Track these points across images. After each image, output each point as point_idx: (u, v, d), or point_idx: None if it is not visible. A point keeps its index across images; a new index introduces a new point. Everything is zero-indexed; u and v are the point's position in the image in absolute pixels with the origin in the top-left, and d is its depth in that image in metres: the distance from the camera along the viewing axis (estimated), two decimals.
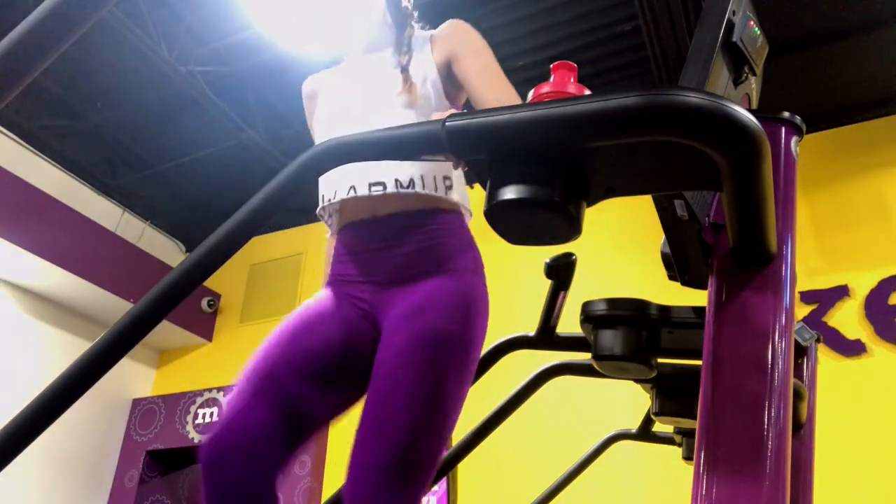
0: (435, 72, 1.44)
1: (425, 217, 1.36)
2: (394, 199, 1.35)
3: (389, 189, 1.33)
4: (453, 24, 1.50)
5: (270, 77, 4.36)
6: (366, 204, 1.37)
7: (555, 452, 3.33)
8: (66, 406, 0.65)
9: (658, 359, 1.22)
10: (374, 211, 1.38)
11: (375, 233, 1.37)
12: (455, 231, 1.38)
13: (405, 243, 1.34)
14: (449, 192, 1.38)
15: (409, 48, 1.47)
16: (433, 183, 1.36)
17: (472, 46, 1.44)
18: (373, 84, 1.46)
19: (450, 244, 1.35)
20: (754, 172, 0.64)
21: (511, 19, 3.71)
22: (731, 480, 0.68)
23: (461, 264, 1.34)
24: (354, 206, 1.39)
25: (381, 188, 1.33)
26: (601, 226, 3.72)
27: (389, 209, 1.37)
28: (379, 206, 1.37)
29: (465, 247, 1.37)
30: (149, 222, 5.46)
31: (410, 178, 1.33)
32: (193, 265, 0.67)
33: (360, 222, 1.39)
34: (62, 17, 0.58)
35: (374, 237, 1.37)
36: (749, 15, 0.94)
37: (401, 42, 1.48)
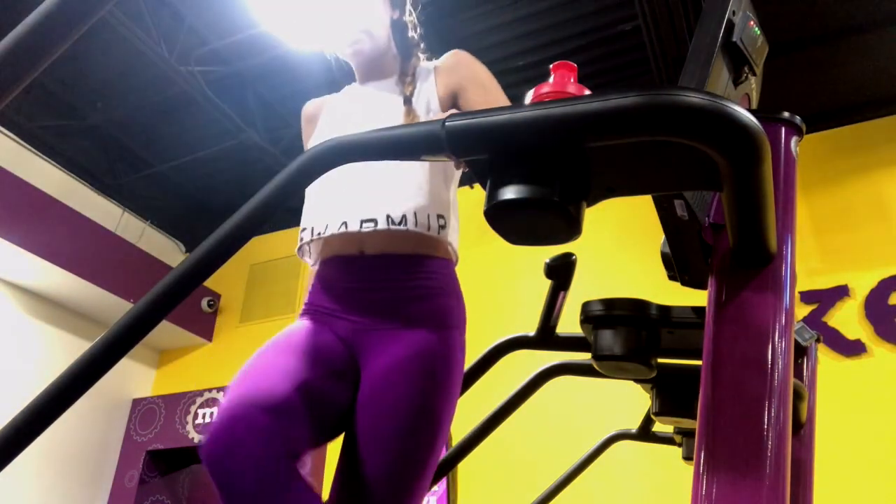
0: (437, 104, 1.42)
1: (415, 263, 1.33)
2: (384, 237, 1.32)
3: (381, 226, 1.29)
4: (457, 57, 1.48)
5: (270, 77, 4.37)
6: (354, 238, 1.34)
7: (555, 452, 3.34)
8: (66, 406, 0.65)
9: (658, 359, 1.22)
10: (361, 247, 1.34)
11: (361, 271, 1.34)
12: (444, 282, 1.35)
13: (391, 289, 1.32)
14: (442, 232, 1.34)
15: (413, 79, 1.46)
16: (426, 221, 1.32)
17: (478, 80, 1.44)
18: (375, 113, 1.44)
19: (437, 297, 1.33)
20: (754, 172, 0.64)
21: (511, 19, 3.71)
22: (731, 480, 0.68)
23: (447, 321, 1.32)
24: (342, 241, 1.36)
25: (373, 225, 1.30)
26: (601, 226, 3.72)
27: (378, 248, 1.33)
28: (367, 243, 1.34)
29: (453, 301, 1.35)
30: (149, 222, 5.46)
31: (403, 215, 1.30)
32: (193, 265, 0.67)
33: (346, 257, 1.36)
34: (62, 17, 0.57)
35: (360, 276, 1.34)
36: (749, 15, 0.94)
37: (405, 72, 1.47)
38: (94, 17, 0.60)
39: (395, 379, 1.24)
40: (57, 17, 0.57)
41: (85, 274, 4.52)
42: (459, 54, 1.49)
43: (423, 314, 1.30)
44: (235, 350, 5.00)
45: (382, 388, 1.24)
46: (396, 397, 1.23)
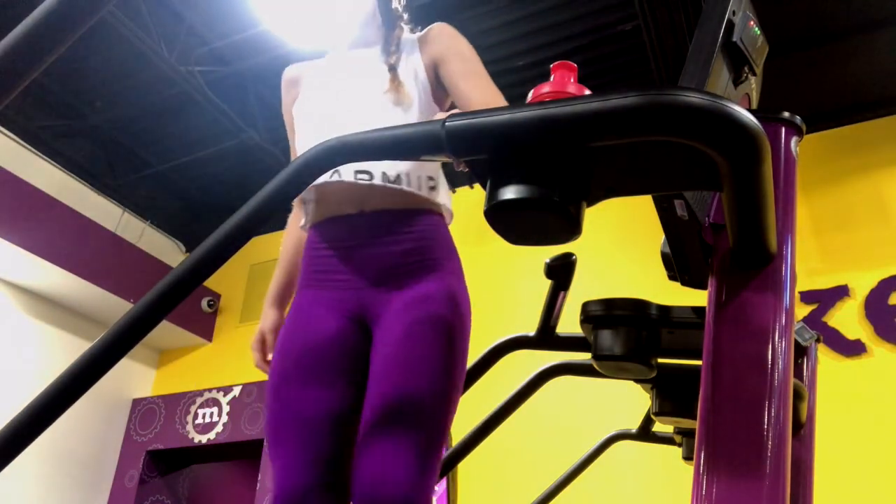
0: (423, 73, 1.45)
1: (413, 217, 1.36)
2: (380, 194, 1.35)
3: (376, 180, 1.32)
4: (440, 28, 1.51)
5: (270, 77, 4.35)
6: (351, 196, 1.37)
7: (555, 452, 3.33)
8: (65, 406, 0.65)
9: (658, 359, 1.22)
10: (360, 205, 1.37)
11: (362, 227, 1.36)
12: (441, 235, 1.39)
13: (394, 242, 1.34)
14: (432, 192, 1.38)
15: (397, 48, 1.47)
16: (418, 182, 1.36)
17: (459, 50, 1.46)
18: (360, 80, 1.46)
19: (437, 248, 1.37)
20: (754, 172, 0.64)
21: (511, 19, 3.71)
22: (731, 480, 0.68)
23: (448, 268, 1.36)
24: (338, 197, 1.38)
25: (368, 177, 1.32)
26: (601, 226, 3.72)
27: (376, 205, 1.36)
28: (366, 201, 1.36)
29: (450, 251, 1.39)
30: (149, 222, 5.46)
31: (397, 174, 1.34)
32: (193, 265, 0.67)
33: (345, 217, 1.38)
34: (62, 17, 0.57)
35: (361, 232, 1.36)
36: (749, 15, 0.94)
37: (389, 41, 1.49)
38: (94, 17, 0.60)
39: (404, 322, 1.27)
40: (57, 17, 0.57)
41: (85, 274, 4.52)
42: (442, 26, 1.51)
43: (426, 263, 1.33)
44: (235, 350, 5.00)
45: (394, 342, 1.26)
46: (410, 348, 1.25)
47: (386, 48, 1.48)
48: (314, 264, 1.40)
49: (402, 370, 1.22)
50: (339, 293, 1.35)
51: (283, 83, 1.63)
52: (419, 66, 1.46)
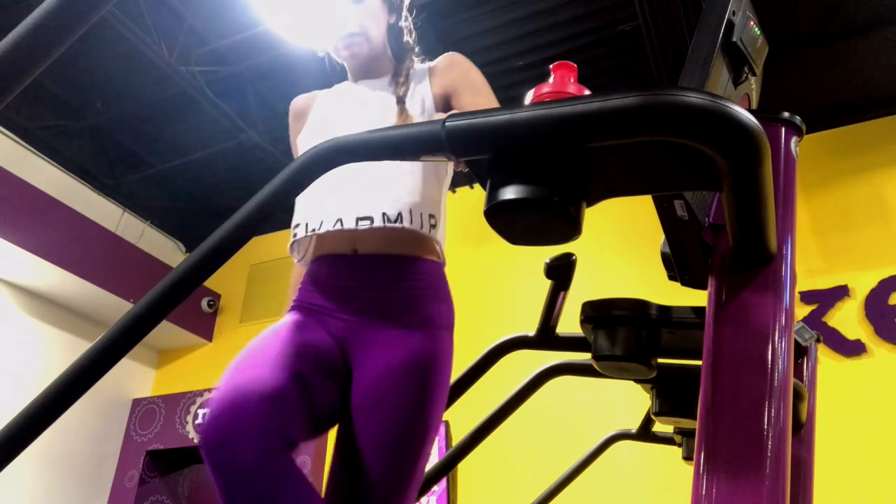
0: (431, 102, 1.44)
1: (408, 263, 1.35)
2: (379, 235, 1.34)
3: (377, 223, 1.31)
4: (452, 59, 1.50)
5: (270, 77, 4.37)
6: (348, 236, 1.35)
7: (555, 452, 3.34)
8: (66, 406, 0.65)
9: (658, 359, 1.22)
10: (354, 245, 1.36)
11: (354, 270, 1.35)
12: (436, 283, 1.37)
13: (385, 287, 1.33)
14: (432, 231, 1.37)
15: (406, 79, 1.47)
16: (419, 220, 1.34)
17: (470, 81, 1.45)
18: (368, 111, 1.45)
19: (430, 298, 1.35)
20: (754, 173, 0.64)
21: (511, 19, 3.71)
22: (731, 480, 0.68)
23: (438, 321, 1.34)
24: (335, 238, 1.37)
25: (369, 223, 1.31)
26: (601, 226, 3.72)
27: (371, 247, 1.35)
28: (361, 242, 1.35)
29: (443, 299, 1.37)
30: (149, 222, 5.46)
31: (398, 213, 1.32)
32: (193, 265, 0.67)
33: (339, 256, 1.37)
34: (62, 17, 0.57)
35: (352, 275, 1.35)
36: (749, 15, 0.94)
37: (398, 73, 1.48)
38: (94, 17, 0.60)
39: (389, 383, 1.26)
40: (57, 17, 0.57)
41: (85, 274, 4.52)
42: (454, 56, 1.50)
43: (414, 315, 1.32)
44: (235, 350, 4.96)
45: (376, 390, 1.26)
46: (390, 401, 1.25)
47: (395, 79, 1.47)
48: (304, 297, 1.39)
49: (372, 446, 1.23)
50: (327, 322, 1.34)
51: (291, 115, 1.62)
52: (427, 96, 1.45)
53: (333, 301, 1.35)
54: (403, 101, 1.42)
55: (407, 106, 1.42)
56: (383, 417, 1.24)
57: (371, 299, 1.33)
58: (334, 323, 1.33)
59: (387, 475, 1.22)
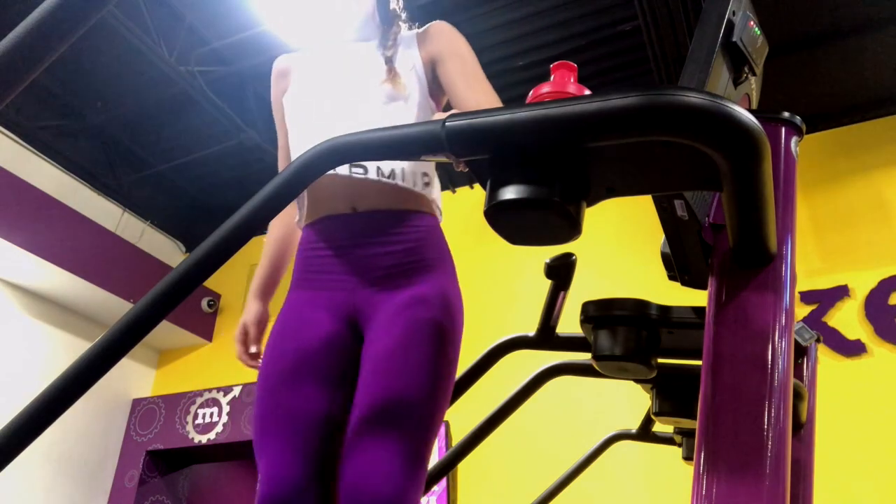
0: (421, 68, 1.45)
1: (406, 218, 1.36)
2: (374, 191, 1.35)
3: (371, 175, 1.31)
4: (439, 26, 1.51)
5: (270, 77, 4.36)
6: (344, 192, 1.36)
7: (555, 452, 3.34)
8: (66, 406, 0.65)
9: (658, 359, 1.22)
10: (353, 203, 1.36)
11: (355, 228, 1.36)
12: (434, 236, 1.39)
13: (388, 243, 1.34)
14: (426, 189, 1.38)
15: (394, 43, 1.47)
16: (412, 178, 1.36)
17: (456, 49, 1.46)
18: (356, 71, 1.45)
19: (430, 250, 1.36)
20: (754, 173, 0.64)
21: (511, 19, 3.71)
22: (731, 480, 0.68)
23: (441, 270, 1.36)
24: (331, 193, 1.37)
25: (363, 171, 1.31)
26: (601, 226, 3.72)
27: (369, 203, 1.36)
28: (359, 198, 1.36)
29: (443, 253, 1.39)
30: (149, 222, 5.46)
31: (392, 170, 1.33)
32: (193, 265, 0.67)
33: (339, 216, 1.37)
34: (62, 17, 0.57)
35: (355, 233, 1.36)
36: (749, 15, 0.94)
37: (386, 37, 1.48)
38: (94, 17, 0.60)
39: (397, 324, 1.26)
40: (57, 17, 0.57)
41: (85, 274, 4.52)
42: (441, 24, 1.51)
43: (421, 266, 1.33)
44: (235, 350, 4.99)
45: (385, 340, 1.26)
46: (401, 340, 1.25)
47: (383, 42, 1.48)
48: (307, 265, 1.40)
49: (391, 374, 1.22)
50: (331, 294, 1.35)
51: (273, 74, 1.62)
52: (417, 61, 1.45)
53: (334, 263, 1.36)
54: (392, 62, 1.43)
55: (396, 65, 1.42)
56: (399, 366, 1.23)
57: (371, 254, 1.34)
58: (342, 294, 1.34)
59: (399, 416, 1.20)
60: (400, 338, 1.25)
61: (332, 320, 1.33)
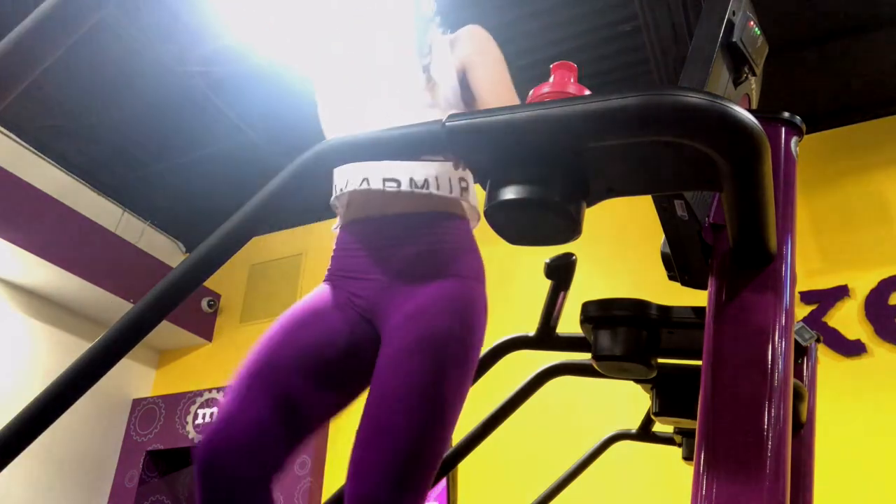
0: (455, 77, 1.44)
1: (435, 220, 1.36)
2: (406, 199, 1.35)
3: (404, 187, 1.32)
4: (472, 32, 1.50)
5: (270, 77, 4.36)
6: (377, 201, 1.37)
7: (555, 452, 3.33)
8: (66, 406, 0.65)
9: (658, 359, 1.22)
10: (384, 209, 1.37)
11: (383, 230, 1.37)
12: (462, 236, 1.38)
13: (413, 243, 1.34)
14: (464, 194, 1.38)
15: (430, 50, 1.47)
16: (448, 184, 1.35)
17: (487, 57, 1.45)
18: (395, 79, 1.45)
19: (456, 249, 1.36)
20: (754, 173, 0.64)
21: (511, 19, 3.71)
22: (731, 480, 0.68)
23: (465, 270, 1.35)
24: (364, 201, 1.39)
25: (396, 185, 1.32)
26: (601, 226, 3.72)
27: (400, 208, 1.36)
28: (390, 205, 1.37)
29: (470, 252, 1.38)
30: (149, 222, 5.46)
31: (425, 179, 1.33)
32: (193, 265, 0.67)
33: (368, 219, 1.39)
34: (62, 18, 0.57)
35: (382, 235, 1.36)
36: (749, 15, 0.94)
37: (423, 45, 1.48)
38: (93, 18, 0.60)
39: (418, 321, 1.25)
40: (57, 17, 0.57)
41: (85, 274, 4.52)
42: (473, 29, 1.51)
43: (444, 268, 1.32)
44: (235, 350, 5.00)
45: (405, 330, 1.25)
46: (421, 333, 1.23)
47: (419, 49, 1.48)
48: (335, 264, 1.42)
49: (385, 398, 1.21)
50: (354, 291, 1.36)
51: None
52: (451, 70, 1.45)
53: (363, 263, 1.37)
54: (429, 71, 1.43)
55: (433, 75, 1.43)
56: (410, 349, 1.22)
57: (400, 256, 1.34)
58: (362, 285, 1.35)
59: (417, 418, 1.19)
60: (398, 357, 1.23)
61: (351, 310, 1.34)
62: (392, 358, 1.24)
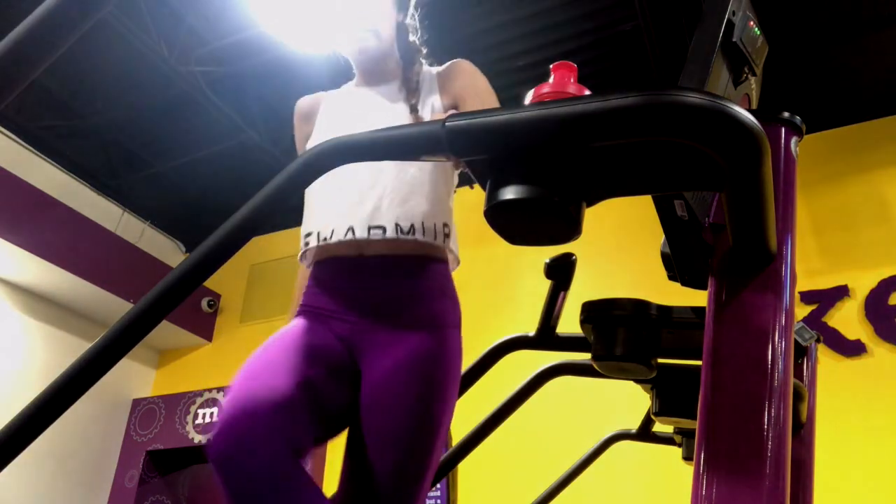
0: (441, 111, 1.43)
1: (415, 264, 1.35)
2: (388, 242, 1.33)
3: (389, 234, 1.31)
4: (459, 66, 1.49)
5: (270, 77, 4.37)
6: (357, 242, 1.34)
7: (555, 452, 3.33)
8: (66, 406, 0.65)
9: (658, 359, 1.21)
10: (361, 249, 1.35)
11: (361, 273, 1.34)
12: (443, 283, 1.37)
13: (392, 287, 1.33)
14: (446, 240, 1.37)
15: (417, 86, 1.46)
16: (433, 229, 1.34)
17: (476, 90, 1.44)
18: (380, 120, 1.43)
19: (437, 296, 1.35)
20: (754, 173, 0.64)
21: (511, 19, 3.71)
22: (731, 480, 0.68)
23: (446, 319, 1.34)
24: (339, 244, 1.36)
25: (381, 233, 1.31)
26: (601, 226, 3.72)
27: (378, 250, 1.34)
28: (369, 246, 1.35)
29: (451, 301, 1.38)
30: (149, 222, 5.46)
31: (411, 225, 1.32)
32: (193, 265, 0.67)
33: (345, 258, 1.36)
34: (62, 17, 0.57)
35: (360, 276, 1.34)
36: (749, 15, 0.94)
37: (409, 79, 1.47)
38: (94, 18, 0.60)
39: (396, 382, 1.26)
40: (57, 17, 0.57)
41: (85, 274, 4.52)
42: (461, 64, 1.49)
43: (422, 315, 1.32)
44: (235, 350, 5.00)
45: (385, 390, 1.26)
46: (399, 400, 1.25)
47: (406, 85, 1.46)
48: (310, 300, 1.39)
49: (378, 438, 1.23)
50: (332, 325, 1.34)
51: (297, 116, 1.59)
52: (437, 106, 1.44)
53: (339, 303, 1.34)
54: (417, 110, 1.42)
55: (420, 114, 1.41)
56: (393, 416, 1.24)
57: (377, 300, 1.33)
58: (340, 325, 1.33)
59: (397, 473, 1.22)
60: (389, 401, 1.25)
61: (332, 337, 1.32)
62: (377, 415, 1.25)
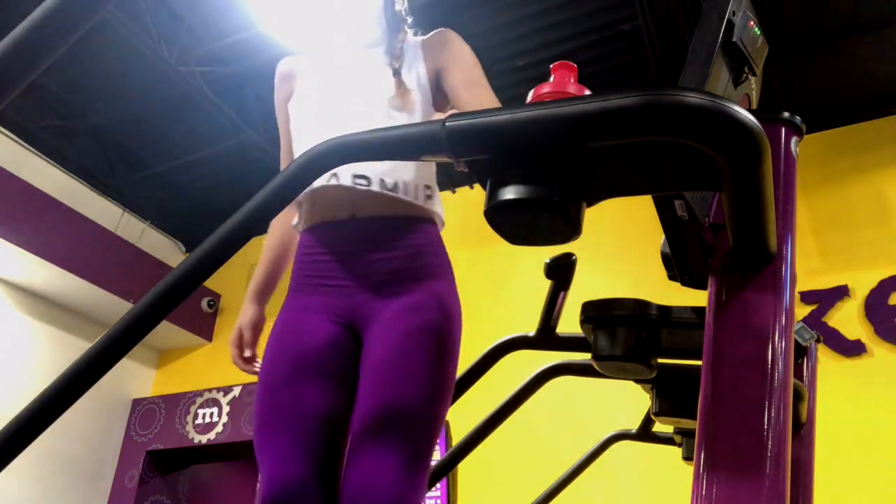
0: (426, 79, 1.44)
1: (406, 225, 1.36)
2: (375, 200, 1.35)
3: (374, 187, 1.32)
4: (443, 35, 1.50)
5: (270, 77, 4.36)
6: (345, 202, 1.36)
7: (555, 452, 3.34)
8: (66, 406, 0.65)
9: (658, 359, 1.21)
10: (353, 210, 1.36)
11: (355, 235, 1.36)
12: (435, 243, 1.40)
13: (389, 248, 1.34)
14: (428, 202, 1.39)
15: (401, 52, 1.47)
16: (415, 191, 1.36)
17: (461, 59, 1.45)
18: (365, 83, 1.44)
19: (431, 255, 1.37)
20: (754, 173, 0.64)
21: (511, 19, 3.71)
22: (731, 480, 0.68)
23: (440, 276, 1.36)
24: (332, 201, 1.37)
25: (366, 182, 1.32)
26: (601, 226, 3.72)
27: (369, 211, 1.36)
28: (359, 206, 1.36)
29: (442, 259, 1.40)
30: (149, 222, 5.46)
31: (395, 182, 1.34)
32: (193, 265, 0.67)
33: (338, 221, 1.37)
34: (62, 18, 0.57)
35: (354, 239, 1.35)
36: (749, 15, 0.94)
37: (394, 45, 1.48)
38: (94, 18, 0.60)
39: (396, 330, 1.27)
40: (57, 17, 0.57)
41: (85, 274, 4.52)
42: (446, 32, 1.50)
43: (421, 271, 1.33)
44: None
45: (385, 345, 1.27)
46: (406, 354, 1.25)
47: (390, 51, 1.47)
48: (306, 269, 1.39)
49: (390, 382, 1.23)
50: (330, 298, 1.34)
51: (277, 77, 1.61)
52: (422, 72, 1.45)
53: (333, 269, 1.35)
54: (400, 73, 1.42)
55: (403, 77, 1.42)
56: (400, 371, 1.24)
57: (372, 261, 1.34)
58: (341, 298, 1.34)
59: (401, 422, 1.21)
60: (399, 344, 1.25)
61: (330, 323, 1.33)
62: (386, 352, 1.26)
